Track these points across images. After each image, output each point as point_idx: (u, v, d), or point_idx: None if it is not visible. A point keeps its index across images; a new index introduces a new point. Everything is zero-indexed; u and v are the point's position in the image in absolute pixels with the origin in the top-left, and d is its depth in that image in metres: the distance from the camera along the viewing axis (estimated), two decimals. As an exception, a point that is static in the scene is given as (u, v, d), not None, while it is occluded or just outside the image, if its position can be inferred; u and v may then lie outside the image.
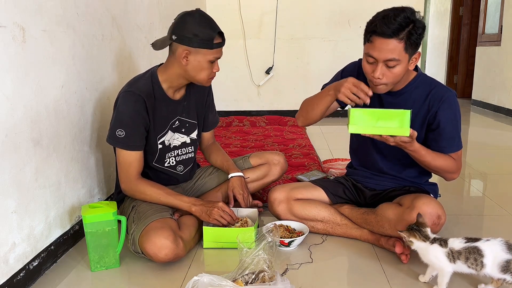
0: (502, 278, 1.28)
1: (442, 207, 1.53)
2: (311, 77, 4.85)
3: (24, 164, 1.39)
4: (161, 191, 1.65)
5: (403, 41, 1.41)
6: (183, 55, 1.56)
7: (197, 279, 1.23)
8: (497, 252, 1.27)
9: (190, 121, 1.79)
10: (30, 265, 1.43)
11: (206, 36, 1.53)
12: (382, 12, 1.45)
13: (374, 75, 1.47)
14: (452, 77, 6.82)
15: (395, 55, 1.42)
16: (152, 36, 2.78)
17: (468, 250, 1.30)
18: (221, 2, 4.62)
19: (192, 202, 1.65)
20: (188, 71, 1.59)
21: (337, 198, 1.83)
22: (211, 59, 1.58)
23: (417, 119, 1.59)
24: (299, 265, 1.54)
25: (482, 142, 3.81)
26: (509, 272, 1.26)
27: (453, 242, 1.33)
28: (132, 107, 1.58)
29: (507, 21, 4.96)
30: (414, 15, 1.43)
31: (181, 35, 1.54)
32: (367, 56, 1.48)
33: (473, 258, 1.29)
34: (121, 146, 1.60)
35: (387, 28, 1.39)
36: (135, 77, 1.69)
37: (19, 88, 1.36)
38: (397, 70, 1.46)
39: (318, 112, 1.65)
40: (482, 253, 1.28)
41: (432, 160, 1.55)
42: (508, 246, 1.27)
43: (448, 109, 1.56)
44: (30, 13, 1.41)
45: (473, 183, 2.61)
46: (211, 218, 1.62)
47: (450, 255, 1.31)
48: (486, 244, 1.29)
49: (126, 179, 1.64)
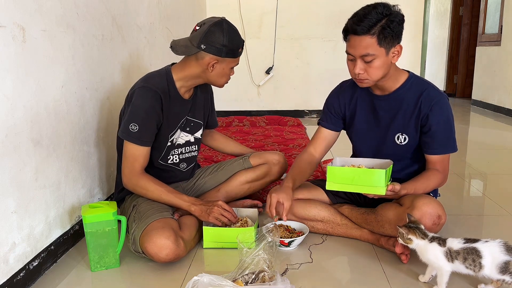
0: (501, 279, 1.27)
1: (442, 207, 1.53)
2: (311, 77, 4.85)
3: (24, 164, 1.39)
4: (163, 189, 1.65)
5: (375, 36, 1.44)
6: (211, 63, 1.60)
7: (197, 279, 1.23)
8: (495, 253, 1.26)
9: (196, 121, 1.81)
10: (30, 265, 1.43)
11: (234, 47, 1.60)
12: (357, 10, 1.51)
13: (354, 71, 1.52)
14: (452, 77, 6.82)
15: (369, 50, 1.46)
16: (152, 36, 2.78)
17: (466, 251, 1.30)
18: (221, 2, 4.63)
19: (191, 202, 1.66)
20: (210, 77, 1.65)
21: (337, 198, 1.83)
22: (234, 66, 1.66)
23: (411, 121, 1.61)
24: (299, 265, 1.54)
25: (482, 142, 3.81)
26: (508, 273, 1.25)
27: (452, 242, 1.33)
28: (149, 102, 1.59)
29: (507, 21, 4.96)
30: (389, 9, 1.46)
31: (211, 45, 1.57)
32: (347, 54, 1.53)
33: (471, 259, 1.28)
34: (133, 141, 1.59)
35: (357, 26, 1.45)
36: (148, 74, 1.70)
37: (19, 88, 1.36)
38: (376, 64, 1.49)
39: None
40: (481, 254, 1.27)
41: (424, 190, 1.60)
42: (506, 247, 1.27)
43: (439, 112, 1.57)
44: (30, 13, 1.41)
45: (473, 183, 2.61)
46: (211, 217, 1.62)
47: (448, 254, 1.32)
48: (484, 245, 1.29)
49: (130, 173, 1.63)
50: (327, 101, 1.81)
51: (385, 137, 1.66)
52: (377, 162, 1.60)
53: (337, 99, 1.76)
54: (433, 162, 1.62)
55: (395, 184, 1.48)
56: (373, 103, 1.67)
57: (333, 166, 1.52)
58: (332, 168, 1.50)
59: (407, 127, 1.62)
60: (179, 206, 1.67)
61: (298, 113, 4.90)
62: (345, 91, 1.74)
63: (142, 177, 1.64)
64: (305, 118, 4.81)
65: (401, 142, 1.64)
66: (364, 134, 1.72)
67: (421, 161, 1.69)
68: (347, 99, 1.73)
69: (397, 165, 1.66)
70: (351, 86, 1.73)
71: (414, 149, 1.66)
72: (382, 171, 1.43)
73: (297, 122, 4.19)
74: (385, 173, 1.44)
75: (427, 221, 1.49)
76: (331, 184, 1.51)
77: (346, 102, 1.73)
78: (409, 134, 1.62)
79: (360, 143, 1.76)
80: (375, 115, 1.68)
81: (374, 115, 1.68)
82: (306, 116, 4.90)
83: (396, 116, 1.63)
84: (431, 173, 1.62)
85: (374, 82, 1.56)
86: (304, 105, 4.92)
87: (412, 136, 1.62)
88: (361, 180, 1.46)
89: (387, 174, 1.46)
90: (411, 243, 1.38)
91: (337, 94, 1.77)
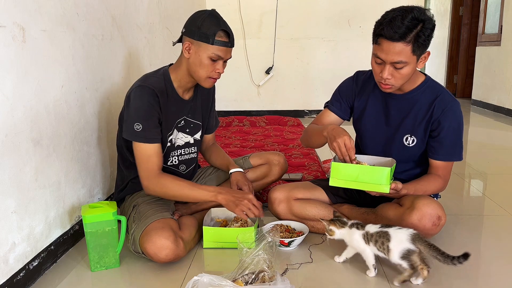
0: (399, 263, 1.37)
1: (442, 208, 1.53)
2: (311, 77, 4.85)
3: (24, 164, 1.39)
4: (185, 183, 1.61)
5: (411, 43, 1.40)
6: (185, 46, 1.59)
7: (197, 279, 1.23)
8: (402, 240, 1.35)
9: (195, 122, 1.79)
10: (30, 265, 1.43)
11: (207, 30, 1.54)
12: (390, 13, 1.43)
13: (382, 75, 1.48)
14: (452, 77, 6.82)
15: (402, 57, 1.42)
16: (152, 36, 2.78)
17: (379, 234, 1.40)
18: (221, 2, 4.62)
19: (217, 191, 1.60)
20: (190, 65, 1.61)
21: (337, 198, 1.83)
22: (211, 56, 1.57)
23: (421, 124, 1.60)
24: (299, 265, 1.54)
25: (482, 142, 3.81)
26: (407, 259, 1.35)
27: (370, 227, 1.44)
28: (146, 100, 1.57)
29: (507, 21, 4.96)
30: (424, 14, 1.40)
31: (187, 28, 1.58)
32: (375, 57, 1.48)
33: (381, 242, 1.39)
34: (140, 140, 1.57)
35: (393, 33, 1.39)
36: (146, 74, 1.69)
37: (19, 88, 1.36)
38: (405, 71, 1.46)
39: (317, 145, 1.71)
40: (389, 238, 1.37)
41: (423, 193, 1.59)
42: (413, 237, 1.35)
43: (452, 118, 1.56)
44: (30, 13, 1.41)
45: (473, 183, 2.61)
46: (238, 209, 1.57)
47: (365, 237, 1.43)
48: (395, 231, 1.39)
49: (147, 175, 1.58)
50: (341, 86, 1.78)
51: (393, 136, 1.65)
52: (379, 160, 1.59)
53: (351, 86, 1.74)
54: (436, 167, 1.62)
55: (398, 183, 1.48)
56: (386, 101, 1.65)
57: (338, 163, 1.49)
58: (337, 164, 1.48)
59: (416, 129, 1.61)
60: (205, 199, 1.62)
61: (298, 113, 4.90)
62: (361, 81, 1.72)
63: (161, 177, 1.59)
64: (305, 118, 4.81)
65: (409, 143, 1.63)
66: (373, 130, 1.70)
67: (424, 164, 1.68)
68: (360, 90, 1.72)
69: (400, 166, 1.65)
70: (367, 79, 1.70)
71: (421, 152, 1.65)
72: (387, 169, 1.43)
73: (297, 122, 4.19)
74: (390, 172, 1.44)
75: (427, 222, 1.49)
76: (335, 180, 1.49)
77: (358, 92, 1.72)
78: (418, 136, 1.61)
79: (367, 138, 1.73)
80: (386, 113, 1.66)
81: (385, 113, 1.67)
82: (306, 116, 4.90)
83: (407, 117, 1.62)
84: (432, 178, 1.61)
85: (398, 87, 1.53)
86: (304, 105, 4.92)
87: (420, 138, 1.61)
88: (365, 177, 1.45)
89: (391, 172, 1.46)
90: (334, 234, 1.48)
91: (352, 82, 1.75)
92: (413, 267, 1.36)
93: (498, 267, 1.55)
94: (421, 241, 1.35)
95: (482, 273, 1.53)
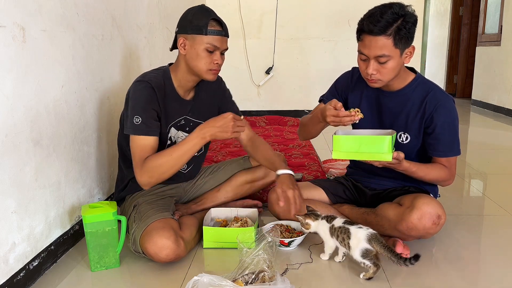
0: (362, 262, 1.41)
1: (442, 207, 1.53)
2: (311, 77, 4.85)
3: (24, 164, 1.39)
4: (166, 151, 1.55)
5: (391, 36, 1.43)
6: (180, 42, 1.58)
7: (197, 279, 1.23)
8: (360, 239, 1.40)
9: (196, 121, 1.77)
10: (30, 265, 1.43)
11: (199, 22, 1.54)
12: (372, 9, 1.48)
13: (367, 71, 1.50)
14: (452, 77, 6.82)
15: (384, 51, 1.44)
16: (152, 36, 2.78)
17: (341, 230, 1.46)
18: (221, 2, 4.62)
19: (199, 134, 1.55)
20: (187, 62, 1.60)
21: (337, 198, 1.83)
22: (207, 47, 1.55)
23: (415, 121, 1.61)
24: (299, 265, 1.54)
25: (482, 142, 3.81)
26: (368, 258, 1.39)
27: (338, 221, 1.49)
28: (145, 94, 1.57)
29: (507, 21, 4.96)
30: (404, 10, 1.45)
31: (180, 25, 1.59)
32: (360, 53, 1.52)
33: (342, 238, 1.45)
34: (140, 133, 1.54)
35: (373, 26, 1.43)
36: (145, 72, 1.69)
37: (19, 88, 1.36)
38: (390, 65, 1.48)
39: (315, 133, 1.72)
40: (350, 236, 1.43)
41: (424, 175, 1.59)
42: (369, 237, 1.39)
43: (445, 113, 1.57)
44: (30, 13, 1.41)
45: (473, 183, 2.61)
46: (230, 134, 1.53)
47: (331, 230, 1.49)
48: (356, 229, 1.43)
49: (141, 167, 1.54)
50: (338, 80, 1.79)
51: None
52: (379, 133, 1.58)
53: (347, 81, 1.75)
54: (439, 163, 1.63)
55: (400, 153, 1.47)
56: (378, 98, 1.67)
57: (339, 135, 1.49)
58: (338, 137, 1.48)
59: (410, 126, 1.62)
60: (196, 147, 1.56)
61: (298, 113, 4.89)
62: (356, 77, 1.73)
63: (144, 162, 1.53)
64: (305, 118, 4.81)
65: (402, 140, 1.64)
66: (367, 127, 1.69)
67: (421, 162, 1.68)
68: (354, 86, 1.72)
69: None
70: (361, 76, 1.70)
71: (417, 150, 1.65)
72: (388, 137, 1.42)
73: (297, 122, 4.19)
74: (391, 140, 1.43)
75: (427, 221, 1.49)
76: (337, 153, 1.48)
77: (353, 88, 1.72)
78: (412, 134, 1.62)
79: None
80: (379, 110, 1.67)
81: (378, 110, 1.67)
82: (306, 116, 4.90)
83: (400, 114, 1.63)
84: (437, 165, 1.61)
85: (385, 82, 1.55)
86: (304, 105, 4.91)
87: (414, 136, 1.62)
88: (367, 147, 1.45)
89: (392, 141, 1.45)
90: (309, 227, 1.53)
91: (348, 76, 1.76)
92: (376, 265, 1.39)
93: (498, 267, 1.55)
94: (377, 241, 1.39)
95: (482, 273, 1.53)
